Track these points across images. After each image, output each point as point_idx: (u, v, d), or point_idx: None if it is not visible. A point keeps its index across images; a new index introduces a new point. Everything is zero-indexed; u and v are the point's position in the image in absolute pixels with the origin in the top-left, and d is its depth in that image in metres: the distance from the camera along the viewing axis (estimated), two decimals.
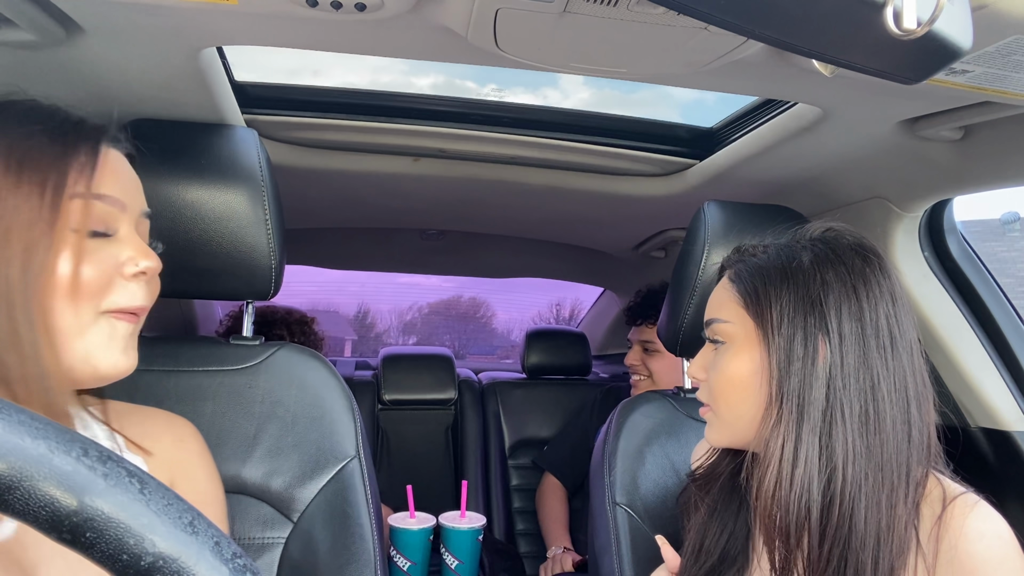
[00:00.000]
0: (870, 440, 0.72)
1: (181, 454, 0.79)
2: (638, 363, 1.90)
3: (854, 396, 0.73)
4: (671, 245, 2.01)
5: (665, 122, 1.48)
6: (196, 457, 0.81)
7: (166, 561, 0.29)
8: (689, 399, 1.22)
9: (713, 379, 0.82)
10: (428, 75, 1.46)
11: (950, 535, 0.71)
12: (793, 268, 0.78)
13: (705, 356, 0.85)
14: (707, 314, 0.86)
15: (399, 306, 4.07)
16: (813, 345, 0.74)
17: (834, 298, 0.75)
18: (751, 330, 0.79)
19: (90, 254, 0.64)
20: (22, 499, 0.27)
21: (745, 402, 0.79)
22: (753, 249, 0.85)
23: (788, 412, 0.73)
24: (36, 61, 0.88)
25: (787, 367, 0.74)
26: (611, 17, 0.72)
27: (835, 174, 1.27)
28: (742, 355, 0.79)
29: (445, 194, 1.74)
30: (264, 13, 0.77)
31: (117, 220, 0.68)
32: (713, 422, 0.84)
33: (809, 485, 0.71)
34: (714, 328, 0.83)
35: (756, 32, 0.53)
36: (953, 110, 0.95)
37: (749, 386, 0.78)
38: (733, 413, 0.80)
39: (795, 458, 0.72)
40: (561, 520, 1.98)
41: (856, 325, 0.74)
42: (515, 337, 3.98)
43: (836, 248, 0.79)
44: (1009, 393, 1.24)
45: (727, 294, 0.84)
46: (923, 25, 0.48)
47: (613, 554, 1.05)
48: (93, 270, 0.64)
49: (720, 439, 0.84)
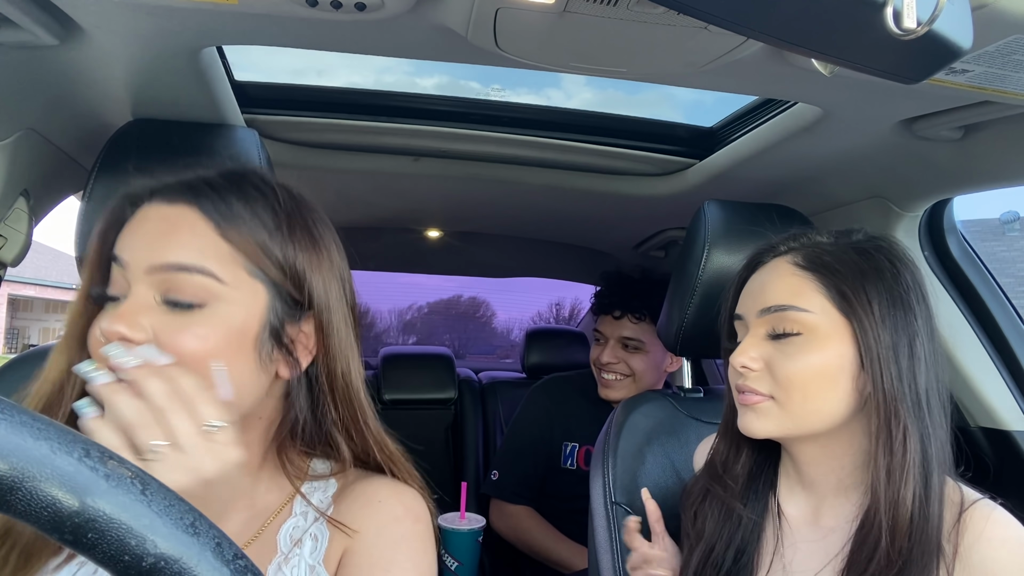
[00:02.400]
0: (943, 438, 0.75)
1: (369, 515, 0.68)
2: (616, 361, 1.71)
3: (934, 395, 0.76)
4: (671, 245, 2.01)
5: (665, 122, 1.48)
6: (388, 519, 0.68)
7: (168, 562, 0.29)
8: (690, 399, 1.22)
9: (789, 370, 0.77)
10: (432, 76, 1.47)
11: (969, 540, 0.71)
12: (880, 266, 0.78)
13: (759, 345, 0.80)
14: (769, 299, 0.80)
15: (399, 306, 4.07)
16: (909, 344, 0.75)
17: (914, 299, 0.77)
18: (838, 323, 0.77)
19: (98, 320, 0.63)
20: (24, 500, 0.27)
21: (827, 395, 0.77)
22: (815, 237, 0.84)
23: (894, 411, 0.74)
24: (36, 61, 0.88)
25: (890, 365, 0.74)
26: (611, 17, 0.72)
27: (835, 174, 1.27)
28: (828, 348, 0.77)
29: (445, 194, 1.74)
30: (264, 13, 0.77)
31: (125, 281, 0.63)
32: (771, 412, 0.79)
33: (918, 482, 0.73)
34: (786, 317, 0.78)
35: (756, 32, 0.53)
36: (953, 110, 0.95)
37: (835, 381, 0.76)
38: (810, 407, 0.77)
39: (908, 458, 0.73)
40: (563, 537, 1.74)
41: (927, 327, 0.77)
42: (515, 337, 3.98)
43: (894, 254, 0.80)
44: (1009, 393, 1.24)
45: (802, 281, 0.79)
46: (923, 25, 0.48)
47: (613, 553, 1.05)
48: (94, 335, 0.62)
49: (771, 430, 0.80)
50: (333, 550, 0.66)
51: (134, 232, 0.65)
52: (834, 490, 0.82)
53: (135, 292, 0.61)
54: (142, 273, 0.62)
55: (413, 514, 0.70)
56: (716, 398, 1.24)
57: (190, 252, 0.62)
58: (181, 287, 0.61)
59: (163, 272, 0.61)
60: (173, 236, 0.63)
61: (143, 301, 0.61)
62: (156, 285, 0.62)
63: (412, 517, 0.69)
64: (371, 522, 0.67)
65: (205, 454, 0.52)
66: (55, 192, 1.20)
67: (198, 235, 0.63)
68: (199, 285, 0.62)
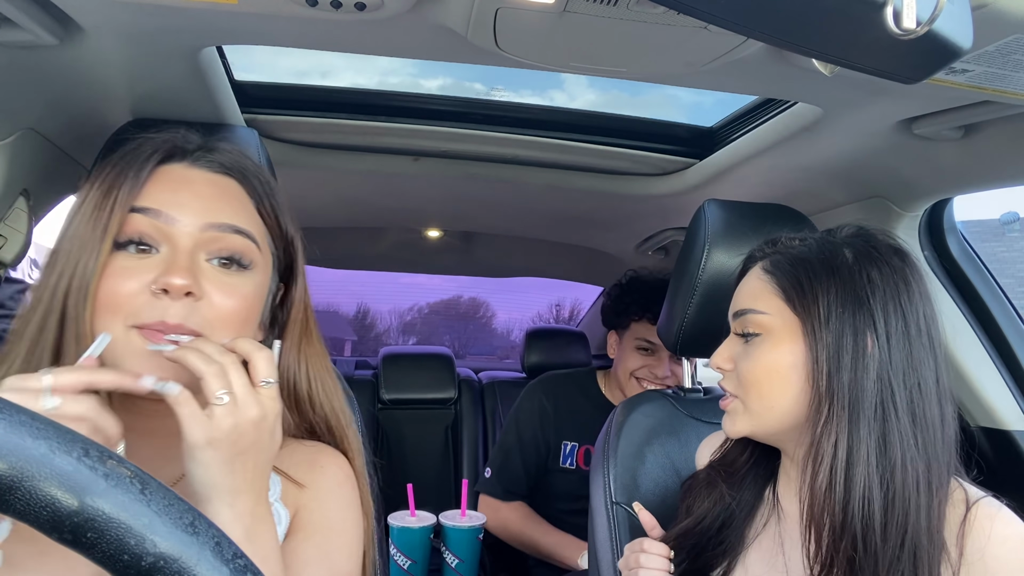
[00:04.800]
0: (921, 437, 0.74)
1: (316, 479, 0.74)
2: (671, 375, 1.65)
3: (902, 393, 0.74)
4: (671, 245, 2.01)
5: (665, 121, 1.48)
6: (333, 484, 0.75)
7: (167, 561, 0.29)
8: (690, 399, 1.22)
9: (745, 369, 0.81)
10: (437, 78, 1.47)
11: (974, 539, 0.72)
12: (838, 264, 0.78)
13: (731, 347, 0.85)
14: (738, 304, 0.85)
15: (399, 306, 4.07)
16: (863, 342, 0.75)
17: (879, 296, 0.76)
18: (791, 323, 0.78)
19: (126, 269, 0.63)
20: (23, 499, 0.27)
21: (780, 394, 0.78)
22: (788, 241, 0.85)
23: (840, 409, 0.74)
24: (36, 61, 0.88)
25: (836, 363, 0.75)
26: (611, 16, 0.72)
27: (835, 173, 1.27)
28: (781, 347, 0.78)
29: (445, 194, 1.74)
30: (264, 12, 0.77)
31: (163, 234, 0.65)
32: (738, 412, 0.83)
33: (870, 483, 0.72)
34: (747, 319, 0.82)
35: (756, 31, 0.53)
36: (953, 109, 0.95)
37: (787, 379, 0.78)
38: (764, 404, 0.80)
39: (853, 457, 0.73)
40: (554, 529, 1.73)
41: (901, 323, 0.76)
42: (515, 337, 3.98)
43: (876, 247, 0.79)
44: (1009, 393, 1.24)
45: (763, 285, 0.82)
46: (923, 24, 0.48)
47: (613, 553, 1.05)
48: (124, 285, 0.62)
49: (743, 429, 0.83)
50: (288, 497, 0.72)
51: (178, 189, 0.67)
52: None
53: (184, 246, 0.65)
54: (195, 230, 0.65)
55: (350, 480, 0.77)
56: (716, 398, 1.24)
57: (242, 219, 0.69)
58: (234, 248, 0.67)
59: (218, 231, 0.66)
60: (226, 201, 0.69)
61: (195, 256, 0.65)
62: (205, 244, 0.66)
63: (350, 483, 0.77)
64: (319, 485, 0.74)
65: (254, 404, 0.59)
66: (55, 192, 1.20)
67: (246, 207, 0.71)
68: (248, 248, 0.68)
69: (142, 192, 0.66)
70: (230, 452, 0.57)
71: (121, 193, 0.65)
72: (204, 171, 0.70)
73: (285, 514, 0.71)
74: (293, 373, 0.75)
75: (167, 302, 0.62)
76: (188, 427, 0.56)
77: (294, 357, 0.75)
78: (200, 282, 0.64)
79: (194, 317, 0.63)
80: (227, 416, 0.57)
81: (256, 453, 0.59)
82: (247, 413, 0.58)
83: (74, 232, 0.65)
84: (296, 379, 0.76)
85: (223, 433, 0.57)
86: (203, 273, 0.65)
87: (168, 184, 0.67)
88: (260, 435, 0.59)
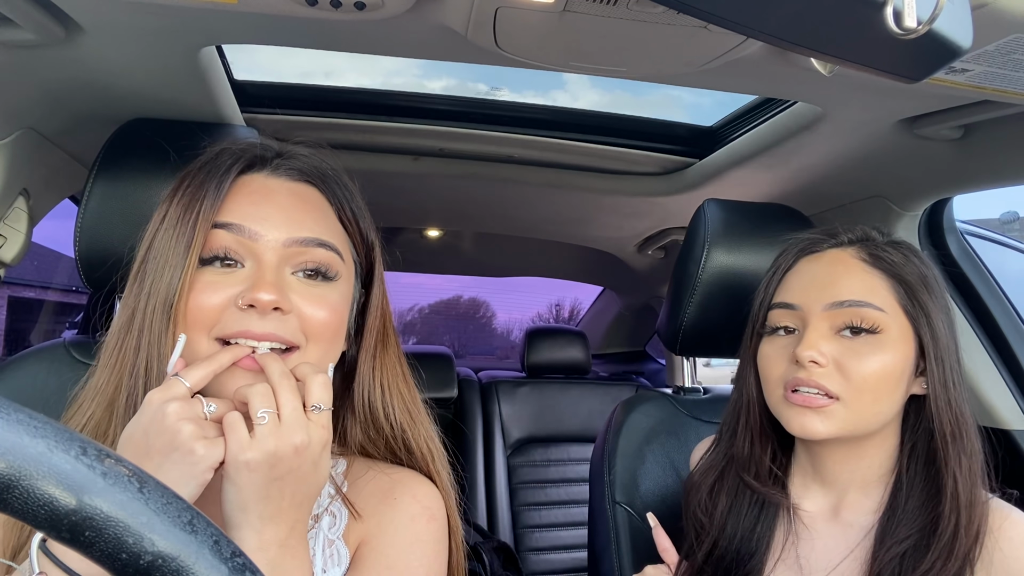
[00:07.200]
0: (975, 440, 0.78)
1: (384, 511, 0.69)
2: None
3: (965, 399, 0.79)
4: (671, 245, 2.01)
5: (665, 121, 1.48)
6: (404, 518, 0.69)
7: (165, 560, 0.29)
8: (690, 399, 1.22)
9: (860, 370, 0.75)
10: (440, 78, 1.47)
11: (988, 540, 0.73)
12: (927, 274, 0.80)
13: (829, 340, 0.77)
14: (844, 292, 0.78)
15: (400, 307, 4.08)
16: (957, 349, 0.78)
17: (950, 307, 0.80)
18: (904, 325, 0.77)
19: (212, 284, 0.63)
20: (21, 498, 0.27)
21: (891, 397, 0.77)
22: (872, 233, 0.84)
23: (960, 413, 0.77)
24: (36, 61, 0.88)
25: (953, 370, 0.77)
26: (611, 16, 0.72)
27: (835, 173, 1.26)
28: (898, 350, 0.76)
29: (445, 193, 1.74)
30: (264, 12, 0.76)
31: (247, 250, 0.64)
32: (838, 414, 0.76)
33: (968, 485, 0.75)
34: (864, 313, 0.76)
35: (756, 31, 0.53)
36: (953, 109, 0.95)
37: (899, 382, 0.77)
38: (875, 408, 0.76)
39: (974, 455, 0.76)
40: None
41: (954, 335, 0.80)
42: (515, 338, 3.98)
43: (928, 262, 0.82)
44: (1009, 392, 1.24)
45: (873, 280, 0.78)
46: (923, 24, 0.48)
47: (613, 553, 1.05)
48: (211, 299, 0.62)
49: (834, 431, 0.77)
50: (351, 532, 0.68)
51: (259, 203, 0.66)
52: (857, 486, 0.82)
53: (270, 261, 0.64)
54: (279, 244, 0.65)
55: (428, 513, 0.70)
56: (716, 398, 1.24)
57: (325, 230, 0.68)
58: (319, 260, 0.66)
59: (302, 245, 0.65)
60: (308, 212, 0.68)
61: (280, 271, 0.64)
62: (289, 257, 0.65)
63: (427, 516, 0.70)
64: (387, 519, 0.68)
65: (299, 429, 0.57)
66: (55, 192, 1.20)
67: (326, 215, 0.70)
68: (332, 260, 0.67)
69: (224, 206, 0.65)
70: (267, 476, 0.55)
71: (203, 208, 0.65)
72: (285, 180, 0.69)
73: (345, 553, 0.67)
74: (367, 385, 0.72)
75: (254, 317, 0.62)
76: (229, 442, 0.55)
77: (368, 366, 0.72)
78: (288, 296, 0.63)
79: (286, 329, 0.62)
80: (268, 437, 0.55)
81: (295, 481, 0.57)
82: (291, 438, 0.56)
83: (158, 249, 0.65)
84: (369, 391, 0.72)
85: (262, 455, 0.55)
86: (290, 287, 0.64)
87: (250, 196, 0.66)
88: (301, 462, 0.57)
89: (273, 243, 0.64)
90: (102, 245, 0.92)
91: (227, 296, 0.62)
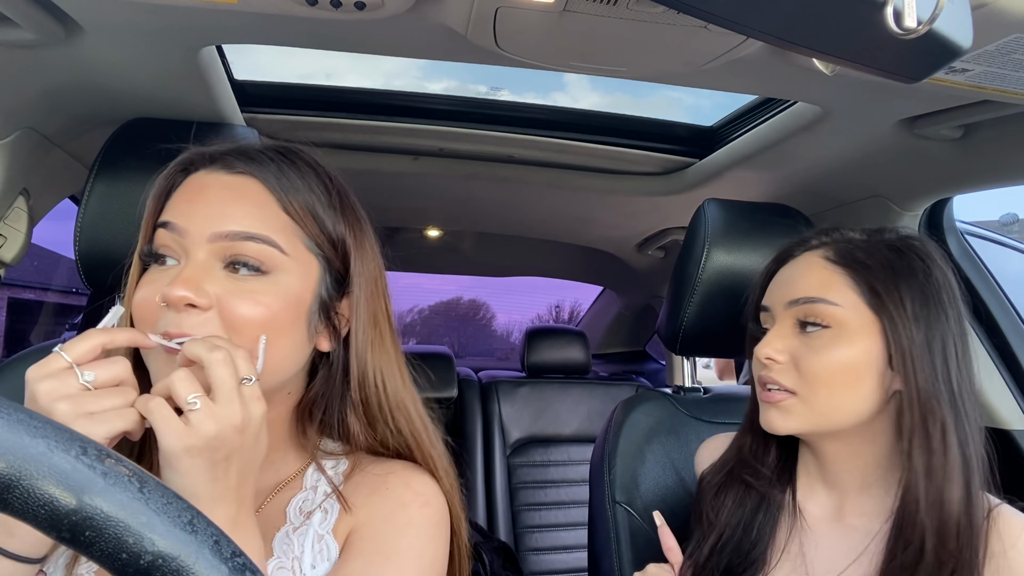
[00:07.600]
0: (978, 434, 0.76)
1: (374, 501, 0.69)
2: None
3: (968, 397, 0.75)
4: (671, 244, 2.01)
5: (665, 121, 1.48)
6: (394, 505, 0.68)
7: (165, 560, 0.29)
8: (690, 398, 1.22)
9: (812, 365, 0.77)
10: (441, 80, 1.46)
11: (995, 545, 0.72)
12: (913, 265, 0.77)
13: (786, 338, 0.80)
14: (800, 291, 0.80)
15: (400, 308, 4.08)
16: (942, 343, 0.75)
17: (947, 299, 0.76)
18: (867, 319, 0.76)
19: (147, 282, 0.64)
20: (21, 498, 0.27)
21: (852, 391, 0.76)
22: (848, 234, 0.83)
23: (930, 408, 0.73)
24: (36, 60, 0.88)
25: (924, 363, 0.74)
26: (611, 16, 0.72)
27: (835, 173, 1.27)
28: (856, 343, 0.76)
29: (445, 193, 1.74)
30: (264, 12, 0.76)
31: (180, 247, 0.64)
32: (795, 409, 0.78)
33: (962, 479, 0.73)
34: (815, 309, 0.77)
35: (756, 31, 0.53)
36: (953, 109, 0.95)
37: (861, 376, 0.76)
38: (833, 403, 0.77)
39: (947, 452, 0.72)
40: None
41: (959, 327, 0.76)
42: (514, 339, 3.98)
43: (926, 253, 0.79)
44: (1009, 393, 1.24)
45: (831, 275, 0.79)
46: (923, 24, 0.48)
47: (612, 552, 1.05)
48: (141, 295, 0.63)
49: (795, 427, 0.79)
50: (341, 525, 0.68)
51: (192, 199, 0.66)
52: (857, 487, 0.82)
53: (195, 257, 0.63)
54: (204, 240, 0.63)
55: (422, 499, 0.70)
56: (717, 398, 1.24)
57: (255, 222, 0.64)
58: (247, 254, 0.63)
59: (228, 240, 0.63)
60: (238, 205, 0.65)
61: (206, 266, 0.63)
62: (218, 252, 0.63)
63: (420, 502, 0.69)
64: (378, 508, 0.68)
65: (237, 408, 0.56)
66: (55, 191, 1.20)
67: (261, 206, 0.66)
68: (265, 254, 0.64)
69: (166, 206, 0.67)
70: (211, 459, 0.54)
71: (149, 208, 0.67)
72: (221, 174, 0.67)
73: (334, 546, 0.66)
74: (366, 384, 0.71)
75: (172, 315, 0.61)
76: (161, 434, 0.53)
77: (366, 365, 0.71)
78: (205, 290, 0.61)
79: (208, 327, 0.60)
80: (206, 421, 0.54)
81: (240, 459, 0.56)
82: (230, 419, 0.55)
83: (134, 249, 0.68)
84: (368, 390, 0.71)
85: (203, 440, 0.53)
86: (216, 281, 0.62)
87: (185, 195, 0.67)
88: (244, 440, 0.56)
89: (198, 238, 0.63)
90: (102, 245, 0.92)
91: (154, 293, 0.63)
